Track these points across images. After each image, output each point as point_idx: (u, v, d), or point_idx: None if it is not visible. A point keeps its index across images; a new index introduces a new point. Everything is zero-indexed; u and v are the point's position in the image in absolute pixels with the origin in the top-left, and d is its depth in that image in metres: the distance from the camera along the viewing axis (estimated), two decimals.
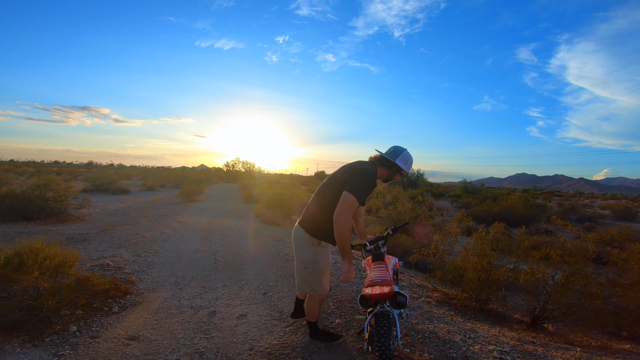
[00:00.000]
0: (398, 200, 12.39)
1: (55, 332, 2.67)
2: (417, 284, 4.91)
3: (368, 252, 2.92)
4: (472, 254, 4.26)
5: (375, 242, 2.85)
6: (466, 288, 4.21)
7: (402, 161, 2.55)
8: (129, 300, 3.48)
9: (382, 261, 2.75)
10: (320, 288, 2.57)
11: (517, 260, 4.10)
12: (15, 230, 7.46)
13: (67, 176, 25.28)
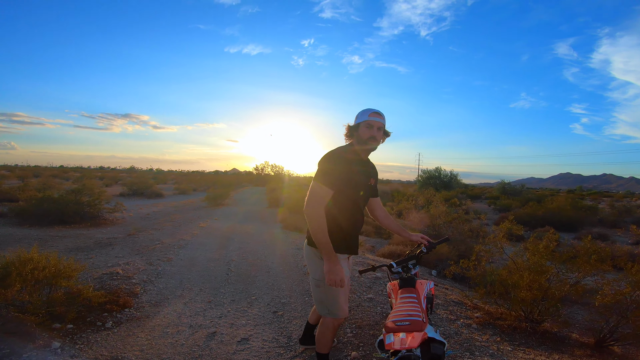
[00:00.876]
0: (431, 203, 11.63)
1: (36, 347, 2.44)
2: (454, 301, 4.26)
3: (395, 274, 2.31)
4: (523, 267, 3.57)
5: (404, 263, 2.27)
6: (515, 307, 3.55)
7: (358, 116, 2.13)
8: (126, 315, 3.23)
9: (412, 288, 2.15)
10: (337, 309, 2.12)
11: (580, 275, 3.40)
12: (49, 234, 7.66)
13: (108, 181, 26.65)
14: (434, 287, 2.43)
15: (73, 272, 3.19)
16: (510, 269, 3.75)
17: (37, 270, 2.70)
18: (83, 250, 6.26)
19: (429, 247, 2.37)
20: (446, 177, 31.24)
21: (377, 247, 9.87)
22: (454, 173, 31.90)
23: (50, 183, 16.14)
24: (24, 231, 7.81)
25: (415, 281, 2.20)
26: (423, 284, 2.24)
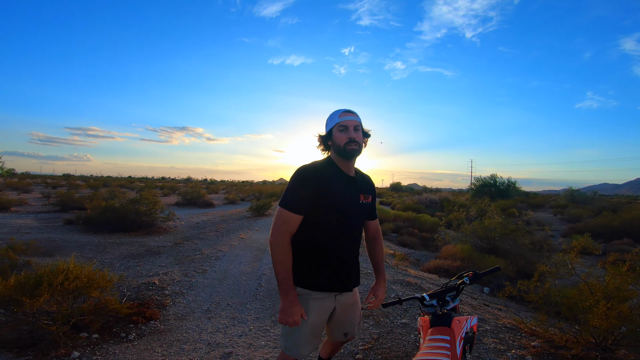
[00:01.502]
0: (485, 214, 10.66)
1: (57, 356, 2.57)
2: (507, 326, 3.72)
3: (427, 308, 1.86)
4: (599, 290, 2.99)
5: (440, 296, 1.83)
6: (585, 333, 2.98)
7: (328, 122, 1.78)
8: (151, 327, 3.30)
9: (446, 328, 1.72)
10: (291, 347, 1.71)
11: None
12: (108, 241, 8.35)
13: (167, 190, 28.73)
14: (476, 324, 1.91)
15: (107, 282, 3.36)
16: (582, 290, 3.17)
17: (67, 281, 2.86)
18: (135, 257, 6.69)
19: (473, 278, 1.92)
20: (503, 184, 29.00)
21: (422, 260, 9.28)
22: (511, 180, 29.54)
23: (116, 193, 17.77)
24: (87, 238, 8.59)
25: (451, 319, 1.75)
26: (462, 321, 1.76)
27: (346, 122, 1.69)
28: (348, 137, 1.67)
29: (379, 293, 1.88)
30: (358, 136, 1.69)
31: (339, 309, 1.75)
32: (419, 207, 21.34)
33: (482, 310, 4.35)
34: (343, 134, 1.68)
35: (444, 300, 1.80)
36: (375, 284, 1.91)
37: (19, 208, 14.32)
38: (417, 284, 5.39)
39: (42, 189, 25.84)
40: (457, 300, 1.86)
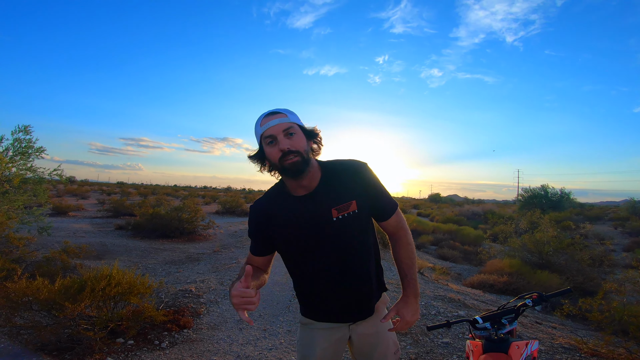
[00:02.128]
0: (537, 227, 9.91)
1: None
2: (564, 346, 3.31)
3: (480, 331, 1.62)
4: None
5: (495, 319, 1.60)
6: None
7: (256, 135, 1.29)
8: (184, 336, 3.34)
9: (503, 354, 1.49)
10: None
11: None
12: (153, 247, 8.79)
13: (208, 199, 29.94)
14: (537, 349, 1.62)
15: (147, 289, 3.47)
16: None
17: (109, 287, 2.98)
18: (176, 263, 6.96)
19: (537, 300, 1.64)
20: (555, 195, 26.91)
21: (464, 275, 8.81)
22: (565, 191, 27.36)
23: (162, 201, 18.79)
24: (135, 243, 9.10)
25: (509, 344, 1.52)
26: (521, 346, 1.51)
27: (270, 129, 1.20)
28: (280, 150, 1.19)
29: (403, 312, 1.36)
30: (295, 142, 1.20)
31: (356, 340, 1.43)
32: (461, 219, 20.40)
33: (535, 329, 3.99)
34: (272, 148, 1.21)
35: (500, 323, 1.58)
36: (401, 299, 1.39)
37: (76, 213, 15.58)
38: (460, 300, 5.06)
39: (98, 196, 28.03)
40: (514, 323, 1.63)
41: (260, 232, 1.36)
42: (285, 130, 1.20)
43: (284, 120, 1.21)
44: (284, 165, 1.20)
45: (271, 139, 1.21)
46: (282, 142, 1.19)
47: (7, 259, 4.06)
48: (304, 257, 1.32)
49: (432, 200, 56.26)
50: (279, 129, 1.20)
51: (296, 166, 1.19)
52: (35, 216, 5.66)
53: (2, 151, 5.36)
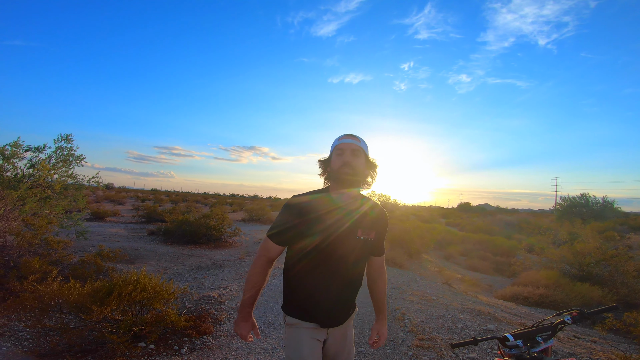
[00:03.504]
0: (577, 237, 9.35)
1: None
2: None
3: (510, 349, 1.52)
4: None
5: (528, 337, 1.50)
6: None
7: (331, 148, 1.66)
8: (203, 343, 3.39)
9: None
10: None
11: None
12: (181, 252, 9.06)
13: (235, 207, 30.55)
14: None
15: (171, 295, 3.56)
16: None
17: (135, 292, 3.08)
18: (202, 269, 7.12)
19: (578, 317, 1.54)
20: (597, 204, 25.29)
21: (495, 286, 8.43)
22: (607, 199, 25.64)
23: (192, 208, 19.42)
24: (165, 248, 9.41)
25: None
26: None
27: (343, 145, 1.57)
28: (342, 161, 1.54)
29: (383, 331, 1.76)
30: (355, 161, 1.55)
31: (329, 342, 1.63)
32: (493, 229, 19.58)
33: (572, 344, 3.74)
34: (338, 158, 1.56)
35: (534, 340, 1.47)
36: (377, 322, 1.80)
37: (113, 218, 16.40)
38: (489, 313, 4.83)
39: (133, 202, 29.39)
40: (551, 340, 1.50)
41: (293, 223, 1.51)
42: (353, 150, 1.56)
43: (356, 142, 1.57)
44: (339, 174, 1.53)
45: (341, 151, 1.56)
46: (346, 156, 1.54)
47: (45, 261, 4.31)
48: (321, 257, 1.51)
49: (461, 209, 54.40)
50: (349, 147, 1.56)
51: (346, 177, 1.52)
52: (74, 220, 6.00)
53: (45, 159, 5.75)
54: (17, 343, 3.12)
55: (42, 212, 5.50)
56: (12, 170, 5.56)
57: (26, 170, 5.66)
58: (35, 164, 5.69)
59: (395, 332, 4.01)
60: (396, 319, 4.47)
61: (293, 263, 1.56)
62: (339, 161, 1.54)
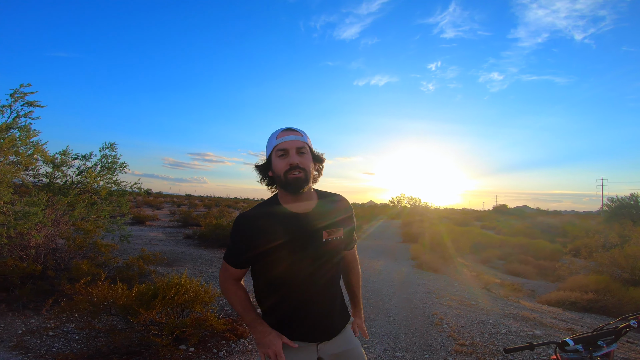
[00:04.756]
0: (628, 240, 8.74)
1: None
2: None
3: (569, 354, 1.44)
4: None
5: (589, 341, 1.43)
6: None
7: (267, 147, 1.40)
8: (240, 346, 3.44)
9: None
10: None
11: None
12: (215, 256, 9.32)
13: None
14: None
15: (210, 298, 3.65)
16: None
17: (177, 295, 3.19)
18: None
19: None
20: None
21: (538, 291, 8.01)
22: None
23: (224, 212, 19.96)
24: (200, 251, 9.72)
25: None
26: None
27: (285, 143, 1.31)
28: (289, 164, 1.29)
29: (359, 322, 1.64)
30: (303, 161, 1.31)
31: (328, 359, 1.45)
32: (533, 232, 18.61)
33: (626, 349, 3.53)
34: (282, 160, 1.31)
35: (595, 345, 1.41)
36: (355, 316, 1.66)
37: (152, 222, 17.18)
38: (535, 318, 4.58)
39: (170, 207, 30.71)
40: (614, 344, 1.44)
41: (249, 243, 1.33)
42: (298, 148, 1.32)
43: (299, 138, 1.33)
44: (287, 179, 1.30)
45: (283, 152, 1.31)
46: (292, 156, 1.30)
47: (93, 263, 4.57)
48: (290, 270, 1.34)
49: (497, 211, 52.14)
50: (292, 145, 1.31)
51: (298, 182, 1.29)
52: (118, 225, 6.32)
53: (91, 166, 6.11)
54: (67, 344, 3.31)
55: (90, 217, 5.84)
56: (62, 178, 5.94)
57: (75, 178, 6.03)
58: (83, 171, 6.04)
59: (433, 337, 3.87)
60: (434, 324, 4.32)
61: (260, 287, 1.43)
62: (282, 163, 1.31)
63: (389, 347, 3.65)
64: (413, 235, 13.45)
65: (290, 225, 1.34)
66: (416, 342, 3.78)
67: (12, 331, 3.47)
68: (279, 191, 1.41)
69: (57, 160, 5.80)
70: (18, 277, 4.17)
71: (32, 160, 5.42)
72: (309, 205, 1.39)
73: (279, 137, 1.33)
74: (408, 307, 5.08)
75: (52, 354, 3.09)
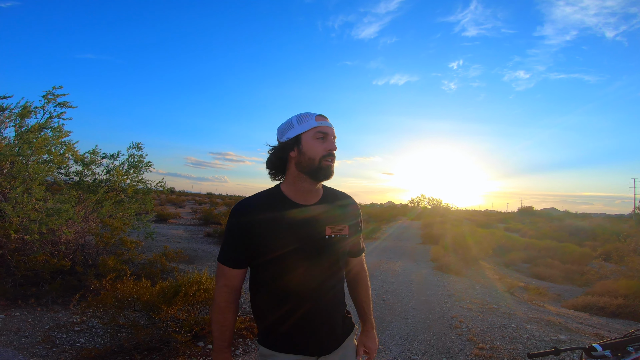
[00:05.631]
0: None
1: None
2: None
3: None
4: None
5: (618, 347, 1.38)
6: None
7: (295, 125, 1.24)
8: (256, 344, 3.46)
9: None
10: None
11: None
12: None
13: None
14: None
15: None
16: None
17: (198, 292, 3.27)
18: None
19: None
20: None
21: (565, 296, 7.73)
22: None
23: None
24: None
25: None
26: None
27: (326, 128, 1.22)
28: (327, 149, 1.20)
29: (370, 345, 1.43)
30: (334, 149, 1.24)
31: None
32: (561, 235, 17.89)
33: None
34: (320, 144, 1.20)
35: (624, 350, 1.34)
36: (363, 334, 1.46)
37: (174, 220, 17.67)
38: (560, 323, 4.43)
39: (192, 205, 31.47)
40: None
41: (245, 237, 1.20)
42: (335, 136, 1.26)
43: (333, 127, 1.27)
44: (321, 165, 1.20)
45: (323, 135, 1.22)
46: (332, 142, 1.23)
47: (119, 260, 4.76)
48: (288, 268, 1.22)
49: (523, 213, 50.39)
50: (333, 131, 1.25)
51: (330, 169, 1.22)
52: (143, 222, 6.53)
53: (119, 165, 6.36)
54: (91, 339, 3.45)
55: (117, 214, 6.08)
56: (91, 176, 6.20)
57: (103, 176, 6.28)
58: (111, 170, 6.29)
59: (452, 341, 3.80)
60: (453, 327, 4.24)
61: (263, 284, 1.27)
62: (321, 147, 1.20)
63: (406, 349, 3.62)
64: (433, 237, 13.20)
65: (293, 218, 1.23)
66: (434, 345, 3.72)
67: (39, 326, 3.66)
68: (287, 180, 1.28)
69: (87, 159, 6.07)
70: (48, 273, 4.39)
71: (64, 159, 5.70)
72: (314, 199, 1.28)
73: (318, 119, 1.22)
74: (426, 309, 5.00)
75: (77, 348, 3.22)
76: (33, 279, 4.43)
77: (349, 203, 1.37)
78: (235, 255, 1.22)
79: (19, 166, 4.70)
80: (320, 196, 1.30)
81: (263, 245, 1.20)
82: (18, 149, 4.84)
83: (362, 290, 1.48)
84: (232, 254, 1.23)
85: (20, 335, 3.40)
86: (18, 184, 4.57)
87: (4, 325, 3.56)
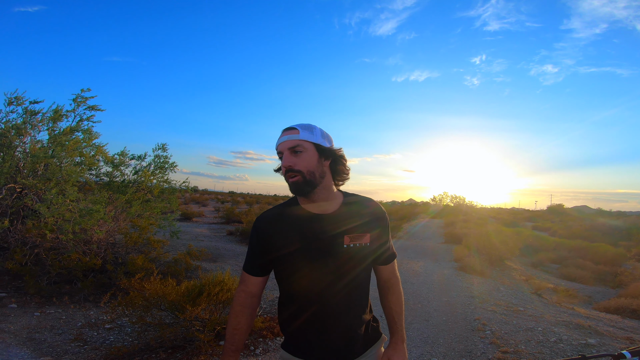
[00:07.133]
0: None
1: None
2: None
3: None
4: None
5: None
6: None
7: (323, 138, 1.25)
8: (276, 344, 3.54)
9: None
10: None
11: None
12: None
13: None
14: None
15: None
16: None
17: (221, 292, 3.37)
18: None
19: None
20: None
21: (596, 298, 7.41)
22: None
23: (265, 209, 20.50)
24: (242, 248, 10.11)
25: None
26: None
27: (279, 146, 1.23)
28: (284, 167, 1.21)
29: (395, 358, 1.33)
30: (299, 161, 1.19)
31: None
32: (593, 234, 17.08)
33: None
34: (282, 163, 1.23)
35: None
36: (390, 346, 1.37)
37: (198, 219, 18.16)
38: (590, 326, 4.26)
39: (214, 204, 32.20)
40: None
41: (264, 247, 1.25)
42: (291, 148, 1.20)
43: (293, 137, 1.20)
44: (288, 183, 1.22)
45: (280, 155, 1.24)
46: (285, 159, 1.21)
47: (146, 258, 4.95)
48: (307, 278, 1.22)
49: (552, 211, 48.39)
50: (284, 146, 1.21)
51: (296, 185, 1.19)
52: (169, 221, 6.76)
53: (146, 166, 6.61)
54: (120, 337, 3.61)
55: (145, 213, 6.33)
56: (120, 177, 6.48)
57: (131, 177, 6.55)
58: (139, 170, 6.55)
59: (474, 343, 3.73)
60: (475, 329, 4.16)
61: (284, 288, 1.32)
62: (282, 168, 1.23)
63: (426, 351, 3.58)
64: (456, 236, 12.91)
65: (308, 228, 1.22)
66: (455, 348, 3.67)
67: (72, 323, 3.86)
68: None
69: (116, 161, 6.35)
70: (81, 271, 4.63)
71: (95, 161, 5.98)
72: (332, 207, 1.27)
73: (279, 140, 1.25)
74: (448, 311, 4.93)
75: (106, 346, 3.39)
76: (67, 277, 4.68)
77: (371, 210, 1.32)
78: (254, 262, 1.28)
79: (53, 168, 4.97)
80: (339, 204, 1.28)
81: (279, 256, 1.23)
82: (52, 151, 5.12)
83: (393, 299, 1.41)
84: (251, 262, 1.29)
85: (55, 332, 3.61)
86: (52, 186, 4.84)
87: (39, 322, 3.79)
